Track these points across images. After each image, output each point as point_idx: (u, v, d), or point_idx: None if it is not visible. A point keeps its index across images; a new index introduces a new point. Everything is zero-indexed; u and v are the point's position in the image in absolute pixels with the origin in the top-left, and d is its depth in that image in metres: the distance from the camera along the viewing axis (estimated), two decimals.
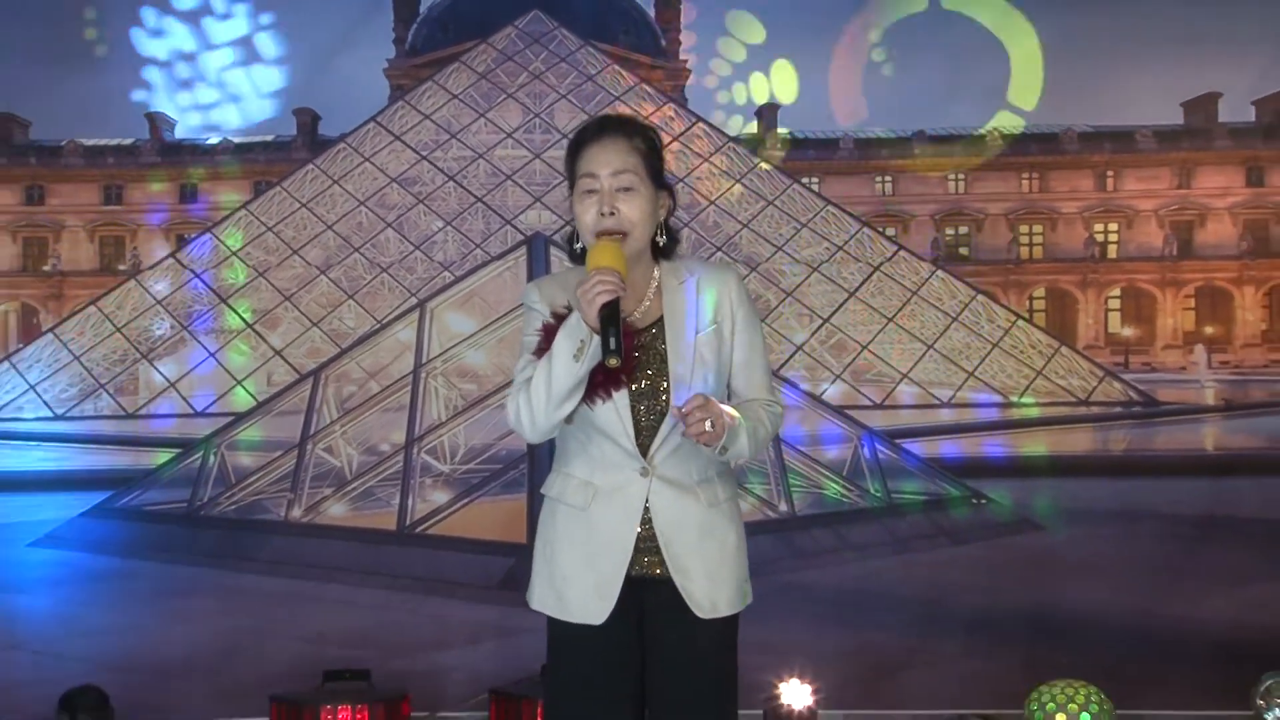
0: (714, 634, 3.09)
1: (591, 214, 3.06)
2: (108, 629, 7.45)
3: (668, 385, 3.06)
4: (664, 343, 3.08)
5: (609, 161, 3.06)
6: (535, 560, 3.15)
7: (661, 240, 3.14)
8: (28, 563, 9.77)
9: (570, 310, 2.96)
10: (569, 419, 3.04)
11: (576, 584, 3.07)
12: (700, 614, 3.06)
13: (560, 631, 3.11)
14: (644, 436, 3.06)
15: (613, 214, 3.05)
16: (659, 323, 3.10)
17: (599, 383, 2.98)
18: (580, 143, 3.12)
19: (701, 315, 3.10)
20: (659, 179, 3.12)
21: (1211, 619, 7.54)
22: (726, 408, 2.99)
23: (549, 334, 2.98)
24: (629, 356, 2.97)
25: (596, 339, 2.91)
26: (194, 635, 7.39)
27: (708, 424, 2.91)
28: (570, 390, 2.96)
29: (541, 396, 2.98)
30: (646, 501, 3.06)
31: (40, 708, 5.66)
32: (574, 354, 2.93)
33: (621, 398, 3.02)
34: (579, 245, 3.12)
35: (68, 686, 5.60)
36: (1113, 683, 5.80)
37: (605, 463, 3.07)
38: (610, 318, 2.89)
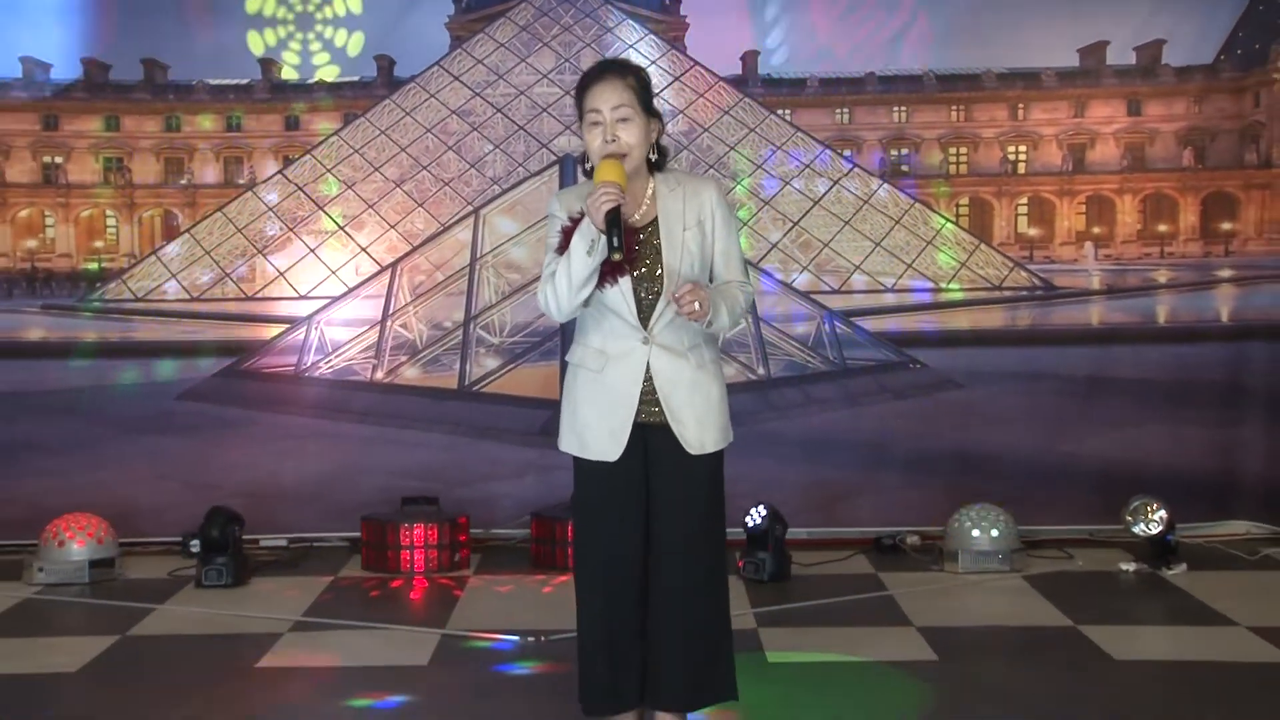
0: (703, 466, 3.12)
1: (598, 141, 3.06)
2: (235, 464, 7.49)
3: (662, 271, 3.06)
4: (659, 238, 3.08)
5: (608, 99, 3.05)
6: (562, 413, 3.16)
7: (654, 157, 3.15)
8: (174, 412, 9.74)
9: (583, 216, 2.95)
10: (586, 302, 3.04)
11: (594, 430, 3.09)
12: (691, 451, 3.09)
13: (584, 467, 3.14)
14: (644, 312, 3.06)
15: (614, 140, 3.04)
16: (654, 222, 3.10)
17: (607, 272, 2.98)
18: (586, 83, 3.13)
19: (687, 216, 3.10)
20: (649, 109, 3.11)
21: (1093, 455, 7.54)
22: (710, 288, 3.00)
23: (567, 235, 2.99)
24: (630, 250, 2.98)
25: (603, 237, 2.91)
26: (302, 469, 7.43)
27: (695, 304, 2.92)
28: (585, 279, 2.97)
29: (563, 284, 2.99)
30: (648, 364, 3.07)
31: (187, 521, 5.75)
32: (587, 250, 2.93)
33: (625, 283, 3.03)
34: (589, 164, 3.12)
35: (207, 507, 5.67)
36: (1016, 506, 5.84)
37: (615, 334, 3.08)
38: (613, 221, 2.89)
